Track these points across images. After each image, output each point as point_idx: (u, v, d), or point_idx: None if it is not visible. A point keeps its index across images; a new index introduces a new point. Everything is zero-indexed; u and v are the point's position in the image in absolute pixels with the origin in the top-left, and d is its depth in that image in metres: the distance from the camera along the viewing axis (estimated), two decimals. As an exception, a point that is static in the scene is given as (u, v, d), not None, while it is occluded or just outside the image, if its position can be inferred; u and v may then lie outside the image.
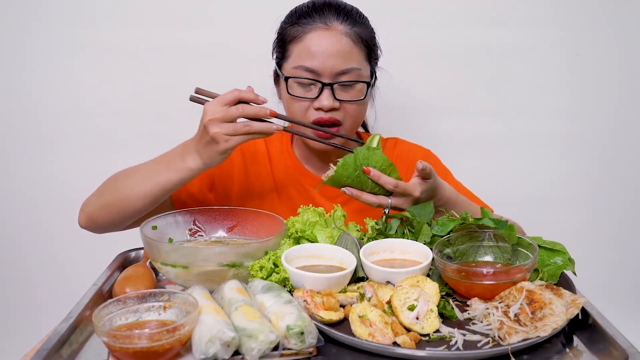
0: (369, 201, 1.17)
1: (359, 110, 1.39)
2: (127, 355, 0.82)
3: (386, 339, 0.88)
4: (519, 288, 0.95)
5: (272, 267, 1.04)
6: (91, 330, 0.97)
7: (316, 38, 1.34)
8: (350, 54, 1.34)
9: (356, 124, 1.43)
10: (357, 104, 1.37)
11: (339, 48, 1.33)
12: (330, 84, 1.33)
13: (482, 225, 1.08)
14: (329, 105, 1.33)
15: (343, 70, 1.33)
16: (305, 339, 0.86)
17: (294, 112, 1.38)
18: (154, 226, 1.17)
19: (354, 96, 1.36)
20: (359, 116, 1.41)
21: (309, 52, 1.33)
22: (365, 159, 1.15)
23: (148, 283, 1.10)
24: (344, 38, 1.34)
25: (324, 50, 1.33)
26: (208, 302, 0.92)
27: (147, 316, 0.92)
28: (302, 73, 1.34)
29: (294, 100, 1.37)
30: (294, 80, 1.35)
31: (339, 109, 1.35)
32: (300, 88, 1.36)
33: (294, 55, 1.36)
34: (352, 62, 1.34)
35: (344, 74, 1.34)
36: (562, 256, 1.07)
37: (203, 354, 0.82)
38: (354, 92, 1.36)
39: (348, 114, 1.37)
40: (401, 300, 0.94)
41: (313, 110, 1.35)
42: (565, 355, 0.90)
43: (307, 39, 1.34)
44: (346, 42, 1.34)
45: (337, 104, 1.34)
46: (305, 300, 0.95)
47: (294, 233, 1.13)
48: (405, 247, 1.11)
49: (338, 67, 1.33)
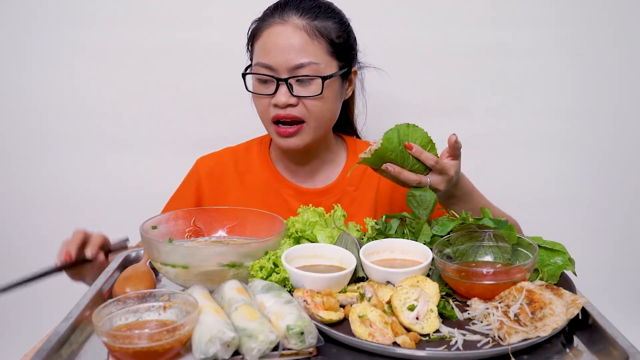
0: (409, 179, 1.14)
1: (320, 106, 1.35)
2: (127, 355, 0.82)
3: (386, 339, 0.88)
4: (519, 288, 0.95)
5: (272, 267, 1.04)
6: (91, 330, 0.97)
7: (271, 33, 1.34)
8: (305, 48, 1.32)
9: (322, 123, 1.39)
10: (317, 100, 1.34)
11: (292, 42, 1.31)
12: (285, 79, 1.31)
13: (482, 225, 1.08)
14: (284, 101, 1.31)
15: (297, 65, 1.31)
16: (305, 339, 0.85)
17: (257, 110, 1.39)
18: (154, 226, 1.17)
19: (312, 91, 1.33)
20: (321, 113, 1.36)
21: (265, 48, 1.33)
22: (405, 135, 1.14)
23: (148, 283, 1.10)
24: (298, 32, 1.32)
25: (277, 45, 1.32)
26: (208, 302, 0.92)
27: (147, 316, 0.92)
28: (259, 70, 1.34)
29: (256, 98, 1.37)
30: (253, 76, 1.36)
31: (297, 105, 1.33)
32: (260, 85, 1.35)
33: (255, 52, 1.37)
34: (308, 56, 1.32)
35: (300, 68, 1.31)
36: (562, 256, 1.07)
37: (203, 354, 0.82)
38: (312, 87, 1.33)
39: (308, 111, 1.34)
40: (401, 300, 0.94)
41: (272, 107, 1.34)
42: (565, 355, 0.90)
43: (264, 35, 1.35)
44: (301, 35, 1.32)
45: (294, 100, 1.32)
46: (305, 300, 0.95)
47: (294, 233, 1.13)
48: (405, 247, 1.11)
49: (292, 61, 1.31)
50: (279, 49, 1.31)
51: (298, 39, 1.32)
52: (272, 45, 1.32)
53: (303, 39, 1.32)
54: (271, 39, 1.33)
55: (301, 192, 1.49)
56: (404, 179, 1.15)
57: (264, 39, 1.34)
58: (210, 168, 1.54)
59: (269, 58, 1.32)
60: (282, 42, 1.32)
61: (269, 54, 1.32)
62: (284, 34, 1.32)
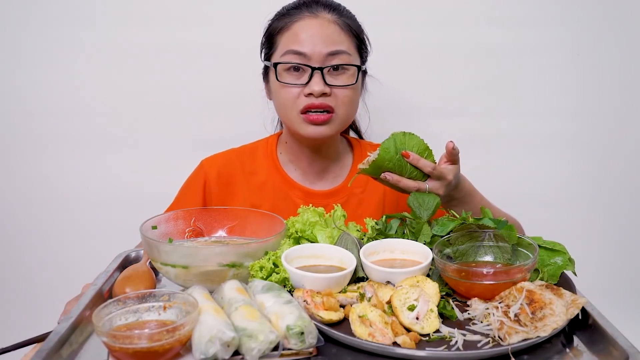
0: (408, 186, 1.16)
1: (351, 97, 1.37)
2: (127, 355, 0.82)
3: (386, 339, 0.88)
4: (519, 288, 0.95)
5: (272, 267, 1.04)
6: (91, 330, 0.97)
7: (304, 25, 1.35)
8: (338, 38, 1.35)
9: (349, 114, 1.41)
10: (349, 90, 1.36)
11: (328, 33, 1.34)
12: (320, 68, 1.32)
13: (482, 225, 1.08)
14: (320, 90, 1.32)
15: (332, 52, 1.33)
16: (305, 339, 0.85)
17: (282, 101, 1.37)
18: (154, 226, 1.17)
19: (345, 81, 1.35)
20: (351, 104, 1.39)
21: (297, 38, 1.34)
22: (402, 144, 1.15)
23: (148, 283, 1.10)
24: (332, 24, 1.35)
25: (313, 35, 1.33)
26: (208, 302, 0.92)
27: (147, 316, 0.92)
28: (290, 58, 1.34)
29: (284, 88, 1.35)
30: (282, 66, 1.35)
31: (330, 94, 1.34)
32: (289, 75, 1.35)
33: (282, 43, 1.37)
34: (341, 45, 1.35)
35: (333, 56, 1.33)
36: (562, 256, 1.07)
37: (203, 354, 0.82)
38: (345, 78, 1.35)
39: (340, 101, 1.35)
40: (401, 300, 0.94)
41: (303, 97, 1.34)
42: (565, 355, 0.90)
43: (295, 27, 1.35)
44: (334, 28, 1.35)
45: (328, 90, 1.33)
46: (305, 300, 0.95)
47: (294, 233, 1.13)
48: (405, 247, 1.11)
49: (327, 49, 1.33)
50: (314, 37, 1.33)
51: (332, 30, 1.35)
52: (306, 34, 1.34)
53: (337, 31, 1.35)
54: (304, 29, 1.34)
55: (310, 193, 1.49)
56: (403, 187, 1.17)
57: (295, 30, 1.35)
58: (218, 170, 1.52)
59: (301, 46, 1.33)
60: (316, 31, 1.34)
61: (302, 43, 1.33)
62: (317, 25, 1.34)
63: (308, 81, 1.33)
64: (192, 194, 1.52)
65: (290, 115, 1.38)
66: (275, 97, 1.41)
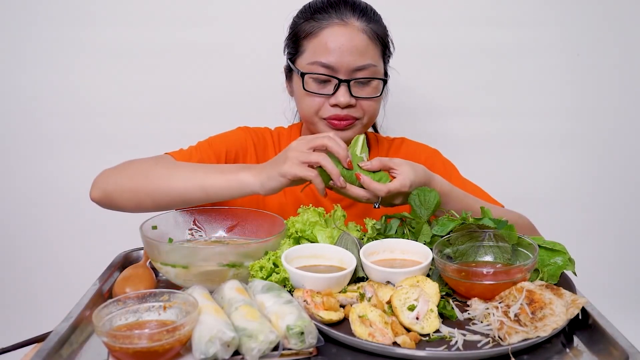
0: (357, 195, 1.14)
1: (374, 107, 1.38)
2: (127, 355, 0.82)
3: (386, 339, 0.88)
4: (519, 288, 0.95)
5: (272, 267, 1.04)
6: (91, 330, 0.97)
7: (333, 34, 1.32)
8: (366, 50, 1.33)
9: (372, 121, 1.43)
10: (373, 101, 1.37)
11: (356, 44, 1.32)
12: (347, 80, 1.32)
13: (482, 225, 1.08)
14: (346, 102, 1.32)
15: (360, 67, 1.32)
16: (305, 339, 0.85)
17: (307, 107, 1.37)
18: (154, 226, 1.17)
19: (370, 93, 1.35)
20: (374, 113, 1.40)
21: (325, 48, 1.32)
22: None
23: (148, 283, 1.10)
24: (360, 34, 1.33)
25: (341, 46, 1.31)
26: (208, 302, 0.92)
27: (147, 316, 0.92)
28: (318, 69, 1.33)
29: (309, 96, 1.35)
30: (309, 76, 1.34)
31: (355, 105, 1.34)
32: (315, 84, 1.35)
33: (309, 50, 1.35)
34: (369, 59, 1.34)
35: (361, 70, 1.33)
36: (562, 256, 1.07)
37: (203, 354, 0.82)
38: (370, 89, 1.36)
39: (364, 111, 1.36)
40: (401, 300, 0.94)
41: (328, 107, 1.34)
42: (565, 355, 0.90)
43: (323, 35, 1.33)
44: (363, 38, 1.33)
45: (354, 101, 1.33)
46: (305, 300, 0.95)
47: (294, 233, 1.12)
48: (405, 247, 1.11)
49: (355, 63, 1.32)
50: (343, 50, 1.31)
51: (360, 41, 1.33)
52: (335, 45, 1.32)
53: (365, 42, 1.33)
54: (333, 40, 1.32)
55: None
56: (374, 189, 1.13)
57: (324, 39, 1.33)
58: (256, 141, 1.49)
59: (330, 58, 1.32)
60: (346, 43, 1.32)
61: (330, 54, 1.32)
62: (347, 35, 1.32)
63: (334, 92, 1.33)
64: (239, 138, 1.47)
65: (313, 122, 1.39)
66: (299, 102, 1.41)
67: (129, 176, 1.26)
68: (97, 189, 1.27)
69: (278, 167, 1.12)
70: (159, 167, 1.26)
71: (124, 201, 1.25)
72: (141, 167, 1.27)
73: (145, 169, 1.26)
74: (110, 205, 1.28)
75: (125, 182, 1.25)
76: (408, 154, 1.51)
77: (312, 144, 1.13)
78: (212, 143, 1.44)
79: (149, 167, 1.27)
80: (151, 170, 1.25)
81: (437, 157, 1.53)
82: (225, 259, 1.04)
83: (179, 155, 1.36)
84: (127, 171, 1.28)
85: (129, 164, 1.30)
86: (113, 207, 1.28)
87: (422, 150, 1.54)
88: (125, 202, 1.25)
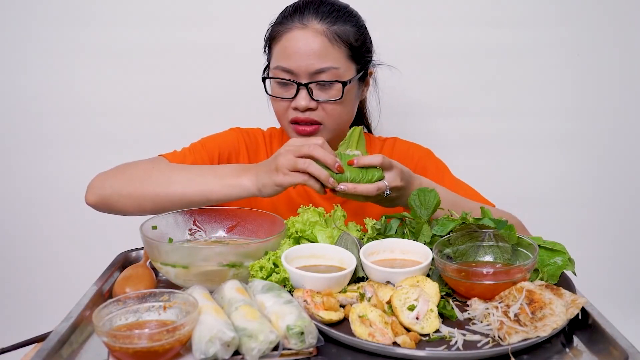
0: (368, 190, 1.12)
1: (339, 110, 1.37)
2: (127, 355, 0.82)
3: (386, 339, 0.88)
4: (519, 288, 0.95)
5: (272, 267, 1.04)
6: (91, 330, 0.97)
7: (292, 38, 1.34)
8: (325, 53, 1.32)
9: (340, 125, 1.40)
10: (336, 104, 1.35)
11: (313, 47, 1.32)
12: (306, 84, 1.32)
13: (482, 225, 1.08)
14: (305, 105, 1.33)
15: (318, 70, 1.32)
16: (305, 339, 0.85)
17: (275, 110, 1.40)
18: (154, 226, 1.16)
19: (332, 96, 1.34)
20: (340, 117, 1.38)
21: (285, 52, 1.34)
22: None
23: (148, 283, 1.10)
24: (319, 37, 1.33)
25: (298, 50, 1.32)
26: (208, 302, 0.92)
27: (147, 316, 0.92)
28: (279, 73, 1.35)
29: (274, 101, 1.39)
30: (274, 80, 1.37)
31: (316, 109, 1.35)
32: (279, 88, 1.37)
33: (274, 55, 1.38)
34: (328, 62, 1.32)
35: (321, 73, 1.32)
36: (562, 256, 1.07)
37: (203, 354, 0.82)
38: (332, 92, 1.35)
39: (327, 115, 1.35)
40: (401, 300, 0.94)
41: (291, 110, 1.36)
42: (565, 355, 0.90)
43: (284, 39, 1.35)
44: (321, 40, 1.32)
45: (314, 104, 1.34)
46: (305, 300, 0.95)
47: (294, 233, 1.12)
48: (405, 247, 1.11)
49: (313, 66, 1.32)
50: (300, 53, 1.32)
51: (319, 44, 1.32)
52: (293, 49, 1.32)
53: (323, 44, 1.33)
54: (291, 44, 1.33)
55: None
56: (362, 192, 1.12)
57: (284, 43, 1.34)
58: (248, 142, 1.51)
59: (289, 62, 1.32)
60: (302, 47, 1.32)
61: (289, 59, 1.33)
62: (304, 39, 1.32)
63: (294, 96, 1.34)
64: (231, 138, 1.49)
65: (284, 124, 1.41)
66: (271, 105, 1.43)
67: (126, 180, 1.26)
68: (92, 193, 1.28)
69: (272, 176, 1.13)
70: (155, 171, 1.27)
71: (122, 205, 1.26)
72: (137, 171, 1.28)
73: (142, 173, 1.27)
74: (107, 209, 1.29)
75: (123, 186, 1.26)
76: (401, 153, 1.51)
77: (298, 154, 1.13)
78: (205, 144, 1.45)
79: (145, 171, 1.27)
80: (148, 174, 1.26)
81: (430, 157, 1.53)
82: (225, 259, 1.04)
83: (173, 157, 1.36)
84: (123, 175, 1.28)
85: (125, 167, 1.30)
86: (110, 211, 1.29)
87: (414, 150, 1.54)
88: (122, 206, 1.26)
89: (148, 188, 1.23)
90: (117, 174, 1.29)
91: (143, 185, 1.24)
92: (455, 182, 1.46)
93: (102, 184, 1.28)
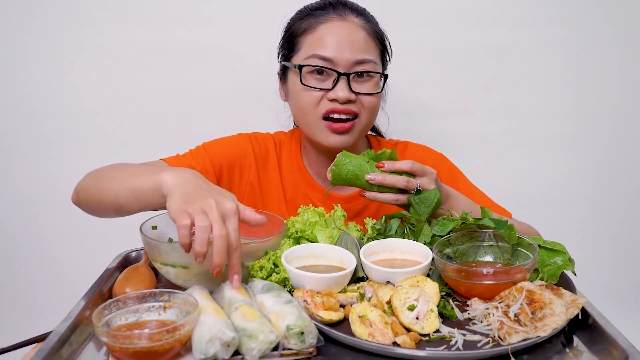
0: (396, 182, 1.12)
1: (375, 104, 1.34)
2: (127, 355, 0.82)
3: (386, 339, 0.88)
4: (519, 288, 0.95)
5: (272, 267, 1.04)
6: (91, 330, 0.97)
7: (332, 28, 1.31)
8: (366, 45, 1.31)
9: (371, 121, 1.38)
10: (374, 97, 1.33)
11: (356, 39, 1.30)
12: (347, 73, 1.28)
13: (482, 225, 1.08)
14: (345, 96, 1.28)
15: (359, 60, 1.29)
16: (305, 339, 0.85)
17: (304, 103, 1.32)
18: (154, 226, 1.16)
19: (370, 89, 1.32)
20: (374, 111, 1.36)
21: (323, 42, 1.30)
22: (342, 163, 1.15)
23: (148, 283, 1.10)
24: (360, 30, 1.32)
25: (340, 39, 1.29)
26: (208, 302, 0.92)
27: (147, 316, 0.92)
28: (316, 61, 1.30)
29: (306, 92, 1.31)
30: (307, 69, 1.30)
31: (355, 101, 1.31)
32: (313, 78, 1.31)
33: (306, 46, 1.33)
34: (369, 54, 1.31)
35: (360, 64, 1.30)
36: (562, 256, 1.07)
37: (203, 354, 0.82)
38: (370, 85, 1.32)
39: (364, 108, 1.32)
40: (401, 300, 0.94)
41: (326, 102, 1.30)
42: (565, 355, 0.90)
43: (321, 29, 1.31)
44: (363, 34, 1.32)
45: (353, 96, 1.30)
46: (305, 300, 0.95)
47: (294, 233, 1.13)
48: (405, 247, 1.11)
49: (354, 56, 1.29)
50: (342, 43, 1.29)
51: (361, 36, 1.31)
52: (333, 39, 1.29)
53: (365, 38, 1.32)
54: (332, 33, 1.30)
55: (330, 197, 1.43)
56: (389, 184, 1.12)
57: (321, 33, 1.30)
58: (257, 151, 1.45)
59: (328, 51, 1.28)
60: (345, 36, 1.29)
61: (328, 47, 1.29)
62: (346, 29, 1.30)
63: (333, 86, 1.29)
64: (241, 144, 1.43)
65: (310, 121, 1.34)
66: (295, 100, 1.36)
67: (91, 177, 1.22)
68: (74, 190, 1.25)
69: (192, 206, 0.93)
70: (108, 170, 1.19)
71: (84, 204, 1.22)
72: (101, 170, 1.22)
73: (100, 172, 1.20)
74: (83, 209, 1.25)
75: (87, 183, 1.21)
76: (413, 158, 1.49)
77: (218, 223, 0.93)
78: (210, 150, 1.41)
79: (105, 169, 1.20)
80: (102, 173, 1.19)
81: (443, 162, 1.50)
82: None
83: (173, 161, 1.34)
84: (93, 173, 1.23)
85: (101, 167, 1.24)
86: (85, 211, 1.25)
87: (428, 155, 1.50)
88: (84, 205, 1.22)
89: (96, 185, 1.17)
90: (91, 172, 1.24)
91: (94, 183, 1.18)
92: (469, 188, 1.44)
93: (80, 182, 1.25)
